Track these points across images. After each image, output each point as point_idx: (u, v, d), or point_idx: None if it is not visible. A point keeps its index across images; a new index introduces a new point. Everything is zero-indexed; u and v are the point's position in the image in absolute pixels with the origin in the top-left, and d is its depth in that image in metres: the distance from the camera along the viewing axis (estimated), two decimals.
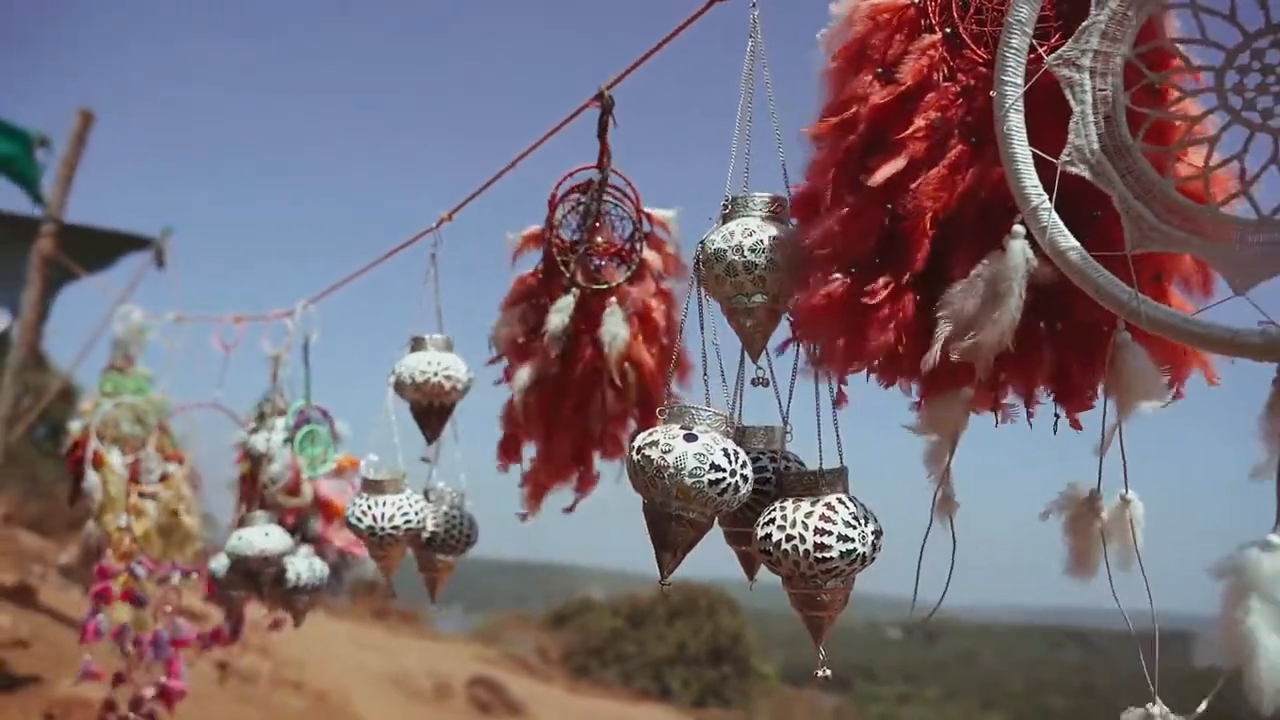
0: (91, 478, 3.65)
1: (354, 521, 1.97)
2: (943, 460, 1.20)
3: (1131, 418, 1.08)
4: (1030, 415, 1.24)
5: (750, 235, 1.25)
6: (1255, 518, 0.92)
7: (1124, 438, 1.10)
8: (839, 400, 1.28)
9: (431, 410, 2.01)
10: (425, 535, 1.97)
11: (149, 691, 3.42)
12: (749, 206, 1.30)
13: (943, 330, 1.10)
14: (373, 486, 1.99)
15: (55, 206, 5.00)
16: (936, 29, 1.17)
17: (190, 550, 3.61)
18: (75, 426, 3.95)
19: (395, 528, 1.94)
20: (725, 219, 1.31)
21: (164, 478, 3.68)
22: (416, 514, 1.98)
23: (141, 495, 3.61)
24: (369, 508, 1.95)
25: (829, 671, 1.22)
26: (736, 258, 1.25)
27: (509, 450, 1.99)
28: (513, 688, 15.64)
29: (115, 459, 3.68)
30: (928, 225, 1.14)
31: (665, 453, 1.17)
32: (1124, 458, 1.11)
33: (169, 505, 3.60)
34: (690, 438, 1.18)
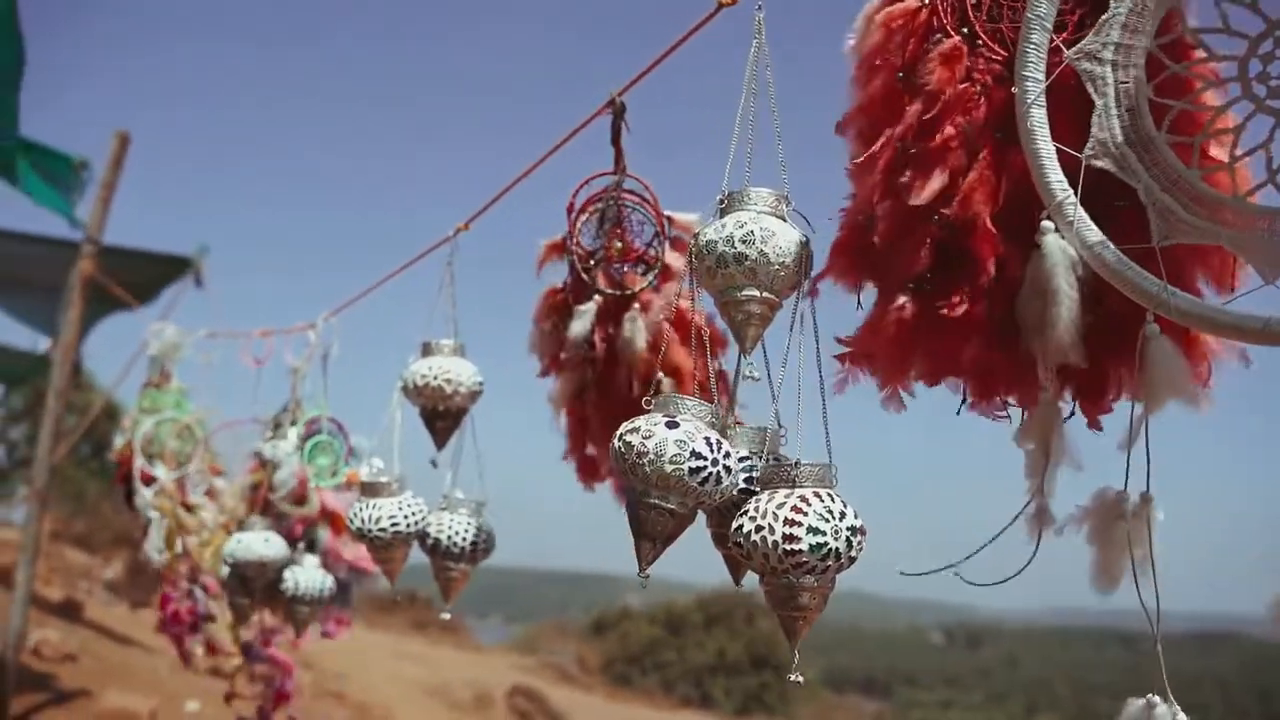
0: (144, 496, 3.72)
1: (348, 522, 2.04)
2: (1040, 471, 1.16)
3: (1159, 413, 1.05)
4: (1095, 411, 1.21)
5: (742, 227, 1.24)
6: None
7: (1149, 435, 1.06)
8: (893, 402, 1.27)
9: (436, 415, 2.01)
10: (429, 541, 1.96)
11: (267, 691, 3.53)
12: (745, 201, 1.29)
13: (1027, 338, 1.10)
14: (368, 489, 2.04)
15: (94, 228, 5.08)
16: (951, 31, 1.17)
17: None
18: (118, 443, 4.03)
19: (383, 530, 1.98)
20: (722, 214, 1.31)
21: (210, 492, 3.74)
22: (408, 518, 1.99)
23: (188, 509, 3.67)
24: (359, 509, 2.02)
25: (802, 677, 1.19)
26: (728, 249, 1.24)
27: (585, 470, 2.04)
28: (553, 697, 15.67)
29: (161, 473, 3.74)
30: (989, 228, 1.13)
31: (646, 439, 1.15)
32: (1148, 457, 1.07)
33: (227, 518, 3.65)
34: (672, 425, 1.16)
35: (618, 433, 1.19)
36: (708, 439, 1.16)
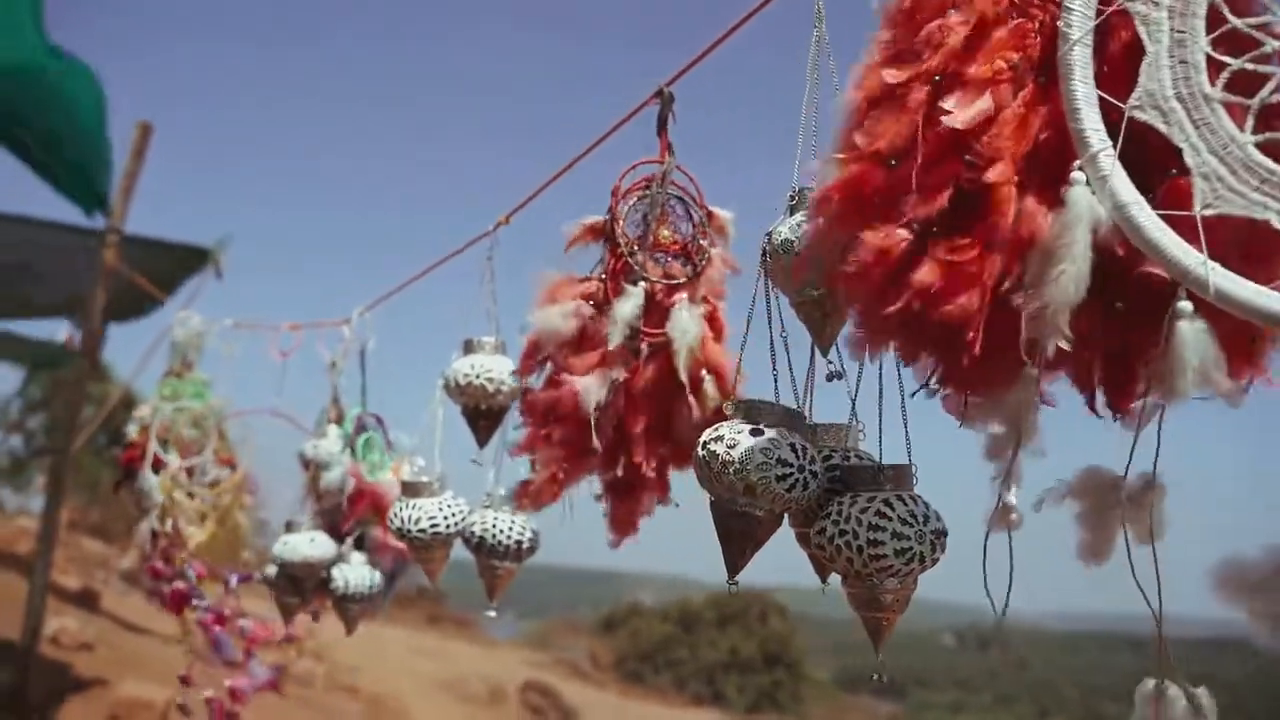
0: (149, 479, 3.69)
1: (389, 522, 2.05)
2: (1005, 456, 1.07)
3: (1178, 402, 0.91)
4: (1092, 402, 1.07)
5: None
6: None
7: (1163, 424, 0.99)
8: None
9: (479, 414, 1.98)
10: (475, 540, 1.92)
11: (223, 695, 3.42)
12: None
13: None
14: (409, 489, 2.04)
15: (117, 217, 5.07)
16: None
17: (239, 555, 3.63)
18: (133, 430, 4.01)
19: (423, 531, 1.98)
20: (792, 210, 1.28)
21: (214, 484, 3.71)
22: (448, 518, 1.99)
23: (190, 495, 3.65)
24: (399, 509, 2.02)
25: (885, 675, 1.18)
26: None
27: (542, 493, 1.75)
28: (566, 692, 15.68)
29: (173, 460, 3.73)
30: (1011, 171, 0.99)
31: (730, 448, 1.13)
32: (1158, 446, 1.00)
33: (224, 509, 3.63)
34: (756, 432, 1.13)
35: (701, 440, 1.16)
36: (793, 445, 1.13)
